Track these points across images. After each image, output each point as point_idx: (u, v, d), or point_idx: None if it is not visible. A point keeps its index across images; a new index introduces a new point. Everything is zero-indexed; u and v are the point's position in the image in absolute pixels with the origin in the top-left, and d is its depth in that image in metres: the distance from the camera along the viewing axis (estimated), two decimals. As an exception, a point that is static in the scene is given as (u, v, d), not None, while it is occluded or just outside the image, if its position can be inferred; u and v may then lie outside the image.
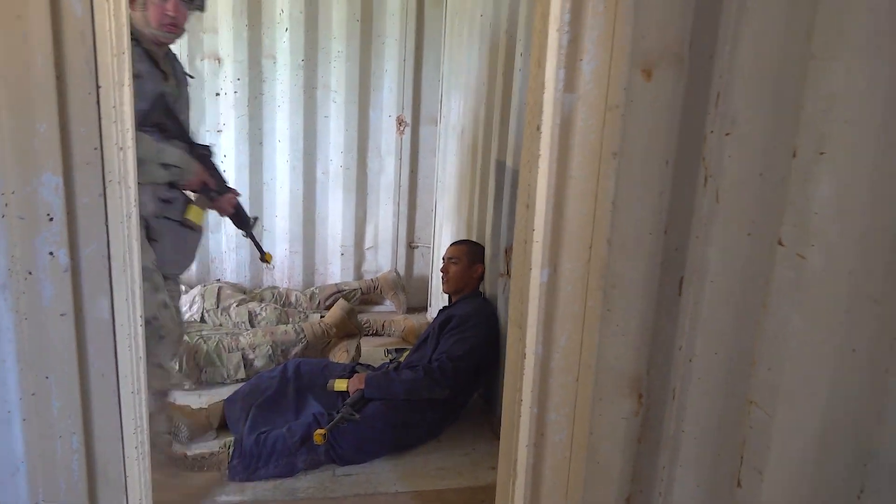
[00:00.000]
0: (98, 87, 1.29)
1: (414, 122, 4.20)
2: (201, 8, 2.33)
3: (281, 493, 2.36)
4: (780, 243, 1.24)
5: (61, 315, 1.41)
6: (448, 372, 2.67)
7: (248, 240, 2.84)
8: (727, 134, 1.36)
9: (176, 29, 2.23)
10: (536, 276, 1.58)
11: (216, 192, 2.48)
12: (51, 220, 1.35)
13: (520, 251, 1.64)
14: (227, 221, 2.83)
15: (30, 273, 1.38)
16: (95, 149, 1.32)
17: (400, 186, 4.28)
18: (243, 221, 2.75)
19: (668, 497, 1.59)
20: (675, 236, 1.54)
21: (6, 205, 1.33)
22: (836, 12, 1.09)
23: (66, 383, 1.45)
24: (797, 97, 1.18)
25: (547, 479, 1.72)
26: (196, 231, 2.44)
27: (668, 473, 1.59)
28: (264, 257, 2.87)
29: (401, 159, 4.24)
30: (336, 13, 3.93)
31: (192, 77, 2.50)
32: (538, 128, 1.52)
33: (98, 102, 1.29)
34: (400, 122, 4.18)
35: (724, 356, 1.44)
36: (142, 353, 1.50)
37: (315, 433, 2.43)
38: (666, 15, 1.47)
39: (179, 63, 2.42)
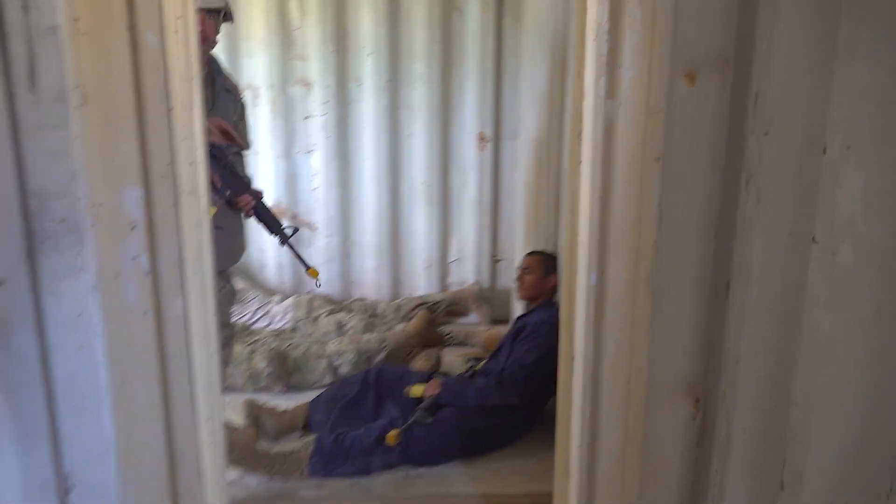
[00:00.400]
0: (170, 109, 1.43)
1: (496, 138, 4.27)
2: (229, 19, 2.39)
3: (356, 491, 2.46)
4: (813, 240, 1.22)
5: (144, 313, 1.56)
6: (519, 380, 2.70)
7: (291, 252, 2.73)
8: (766, 134, 1.35)
9: (205, 42, 2.27)
10: (583, 279, 1.61)
11: (229, 189, 2.42)
12: (133, 228, 1.51)
13: (566, 255, 1.67)
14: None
15: (116, 276, 1.54)
16: (168, 164, 1.46)
17: (482, 201, 4.36)
18: (270, 226, 2.62)
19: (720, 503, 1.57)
20: (723, 239, 1.54)
21: (96, 215, 1.49)
22: (857, 5, 1.08)
23: (149, 375, 1.60)
24: (826, 93, 1.17)
25: (601, 481, 1.73)
26: (223, 231, 2.39)
27: (721, 479, 1.57)
28: (308, 272, 2.74)
29: (483, 174, 4.31)
30: (417, 37, 4.07)
31: (228, 91, 2.50)
32: (579, 134, 1.55)
33: (170, 123, 1.44)
34: (482, 138, 4.26)
35: (768, 358, 1.41)
36: (214, 349, 1.64)
37: (388, 434, 2.52)
38: (708, 21, 1.47)
39: (223, 76, 2.47)
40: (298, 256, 2.76)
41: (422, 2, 4.05)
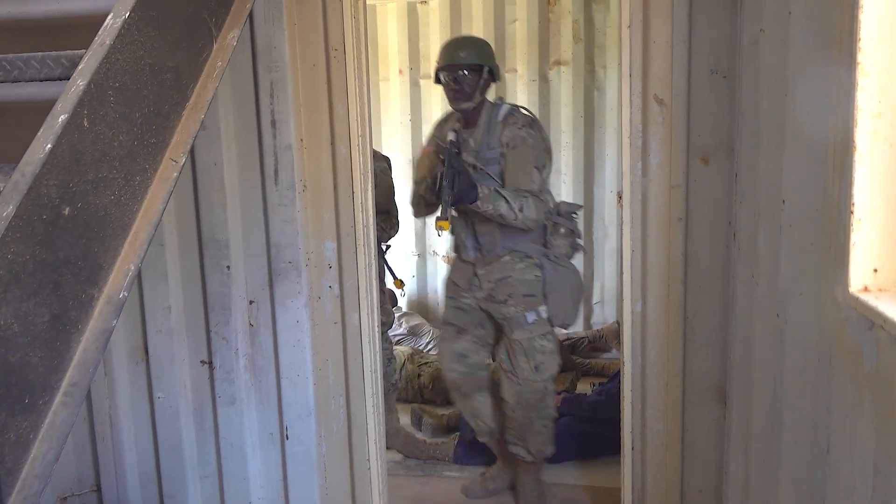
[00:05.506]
0: (353, 193, 2.24)
1: (633, 196, 4.78)
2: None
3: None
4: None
5: (335, 323, 2.36)
6: (625, 397, 3.21)
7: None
8: (740, 202, 1.89)
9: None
10: (630, 307, 2.18)
11: None
12: (330, 267, 2.32)
13: (620, 290, 2.25)
14: None
15: (319, 298, 2.36)
16: (352, 227, 2.26)
17: (622, 251, 4.85)
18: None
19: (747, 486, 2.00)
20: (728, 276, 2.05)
21: (308, 259, 2.33)
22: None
23: (337, 363, 2.38)
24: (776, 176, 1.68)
25: (650, 460, 2.24)
26: None
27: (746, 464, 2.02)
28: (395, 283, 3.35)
29: (621, 228, 4.82)
30: (563, 112, 4.74)
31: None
32: (621, 202, 2.15)
33: (353, 202, 2.25)
34: (620, 197, 4.78)
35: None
36: (378, 348, 2.39)
37: (514, 433, 3.15)
38: (715, 123, 2.04)
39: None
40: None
41: (568, 83, 4.72)
